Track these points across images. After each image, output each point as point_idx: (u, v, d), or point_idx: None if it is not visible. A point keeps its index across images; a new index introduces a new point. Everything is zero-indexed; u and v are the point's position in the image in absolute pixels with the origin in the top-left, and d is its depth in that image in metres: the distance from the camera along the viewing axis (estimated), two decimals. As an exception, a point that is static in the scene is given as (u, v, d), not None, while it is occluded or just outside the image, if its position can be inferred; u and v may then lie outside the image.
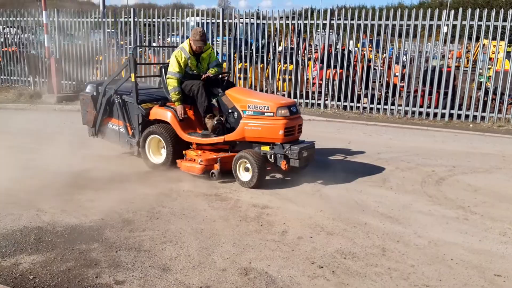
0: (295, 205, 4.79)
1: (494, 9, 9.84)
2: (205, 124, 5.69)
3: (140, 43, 12.99)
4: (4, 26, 14.75)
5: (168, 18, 12.56)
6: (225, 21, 12.11)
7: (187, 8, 15.13)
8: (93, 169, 5.90)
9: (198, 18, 12.51)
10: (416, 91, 10.69)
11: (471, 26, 10.00)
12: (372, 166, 6.46)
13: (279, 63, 11.73)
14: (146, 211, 4.50)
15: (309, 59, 11.78)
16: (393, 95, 10.87)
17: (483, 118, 10.15)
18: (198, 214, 4.44)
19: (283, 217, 4.44)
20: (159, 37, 12.97)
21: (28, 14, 14.05)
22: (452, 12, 10.11)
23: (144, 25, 12.95)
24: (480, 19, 9.90)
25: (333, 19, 11.16)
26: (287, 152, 5.23)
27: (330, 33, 11.45)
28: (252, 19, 11.99)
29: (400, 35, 10.61)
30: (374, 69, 11.45)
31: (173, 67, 5.78)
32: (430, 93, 10.55)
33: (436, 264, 3.60)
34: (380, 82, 11.17)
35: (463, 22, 10.01)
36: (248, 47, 11.92)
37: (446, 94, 10.39)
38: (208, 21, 12.40)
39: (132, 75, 5.99)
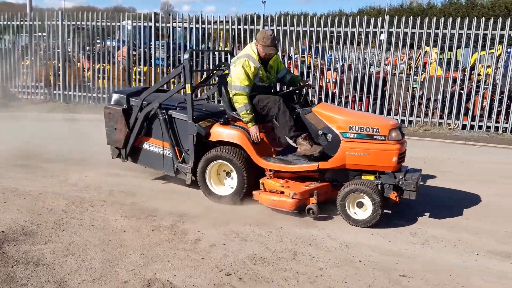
0: (214, 212, 4.69)
1: (427, 17, 10.24)
2: (296, 145, 4.74)
3: (72, 47, 12.49)
4: None
5: (102, 21, 12.14)
6: (157, 24, 11.85)
7: (128, 12, 14.72)
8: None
9: (129, 22, 12.19)
10: (347, 96, 10.95)
11: (405, 33, 10.34)
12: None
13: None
14: (52, 222, 4.24)
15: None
16: (326, 100, 11.07)
17: (410, 122, 10.54)
18: (108, 225, 4.25)
19: (199, 224, 4.34)
20: (98, 41, 12.51)
21: None
22: (387, 18, 10.40)
23: (78, 28, 12.46)
24: (413, 26, 10.23)
25: (272, 25, 11.23)
26: (400, 182, 4.49)
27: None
28: (191, 24, 11.79)
29: (338, 42, 10.83)
30: (313, 75, 11.58)
31: (241, 80, 4.76)
32: (362, 99, 10.85)
33: (344, 266, 3.63)
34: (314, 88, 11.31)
35: (397, 30, 10.34)
36: (182, 52, 11.71)
37: (376, 99, 10.70)
38: (140, 24, 12.12)
39: (188, 86, 4.97)
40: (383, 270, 3.59)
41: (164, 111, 5.20)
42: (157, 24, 11.83)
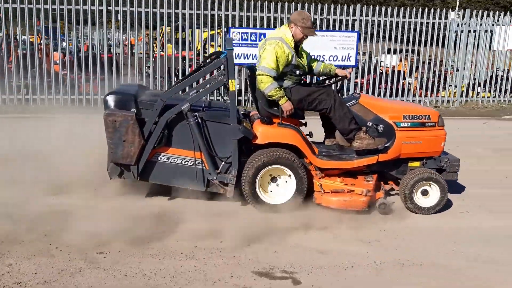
0: None
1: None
2: (354, 139, 4.48)
3: None
4: None
5: None
6: None
7: None
8: None
9: None
10: (80, 77, 10.52)
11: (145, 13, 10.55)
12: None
13: None
14: None
15: None
16: (57, 83, 10.43)
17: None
18: None
19: None
20: None
21: None
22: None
23: None
24: (154, 6, 10.48)
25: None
26: (444, 165, 4.75)
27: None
28: None
29: (70, 22, 10.25)
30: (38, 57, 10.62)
31: (267, 61, 4.30)
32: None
33: (37, 257, 3.53)
34: (40, 70, 10.45)
35: (139, 9, 10.43)
36: None
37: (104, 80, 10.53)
38: None
39: (232, 82, 4.32)
40: (80, 252, 3.62)
41: (196, 113, 4.43)
42: None
